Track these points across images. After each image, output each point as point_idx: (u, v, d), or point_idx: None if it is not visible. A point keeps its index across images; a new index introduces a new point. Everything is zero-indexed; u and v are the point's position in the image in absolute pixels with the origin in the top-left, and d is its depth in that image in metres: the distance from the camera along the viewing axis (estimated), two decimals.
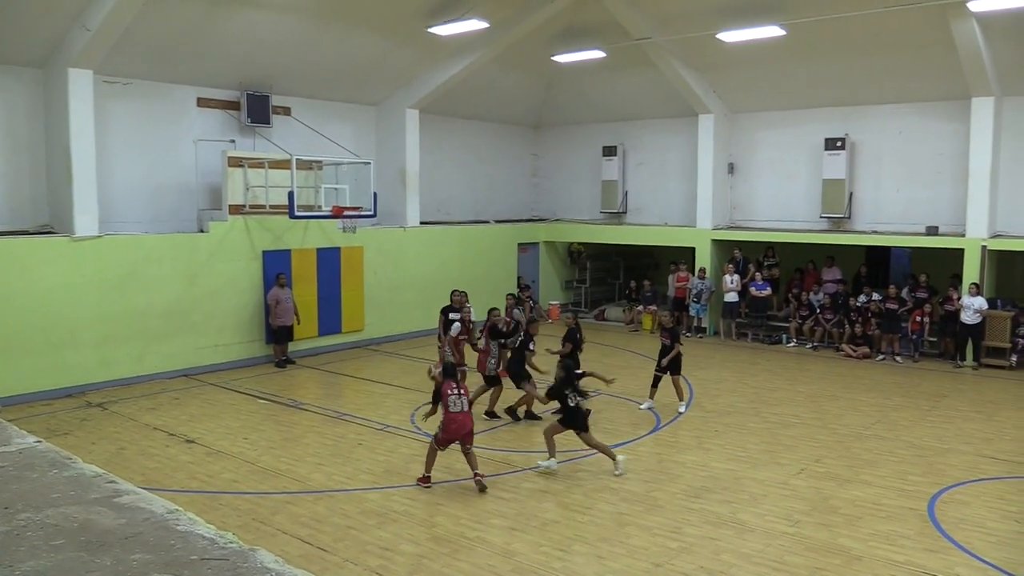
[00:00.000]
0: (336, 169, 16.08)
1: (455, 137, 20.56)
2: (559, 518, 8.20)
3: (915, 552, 7.38)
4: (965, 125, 15.92)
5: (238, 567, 1.97)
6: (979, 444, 10.73)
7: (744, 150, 19.54)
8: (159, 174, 14.94)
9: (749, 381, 14.50)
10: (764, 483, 9.22)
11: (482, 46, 17.22)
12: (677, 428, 11.51)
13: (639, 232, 20.77)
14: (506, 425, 11.64)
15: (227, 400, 12.98)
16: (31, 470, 2.70)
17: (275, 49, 15.17)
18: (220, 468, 9.69)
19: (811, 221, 18.29)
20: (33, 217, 13.51)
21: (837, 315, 17.40)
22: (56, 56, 13.01)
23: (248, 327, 15.41)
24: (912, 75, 16.38)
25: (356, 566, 7.06)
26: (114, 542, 2.13)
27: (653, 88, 19.29)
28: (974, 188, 15.73)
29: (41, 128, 13.45)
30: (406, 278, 18.11)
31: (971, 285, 15.44)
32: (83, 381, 13.14)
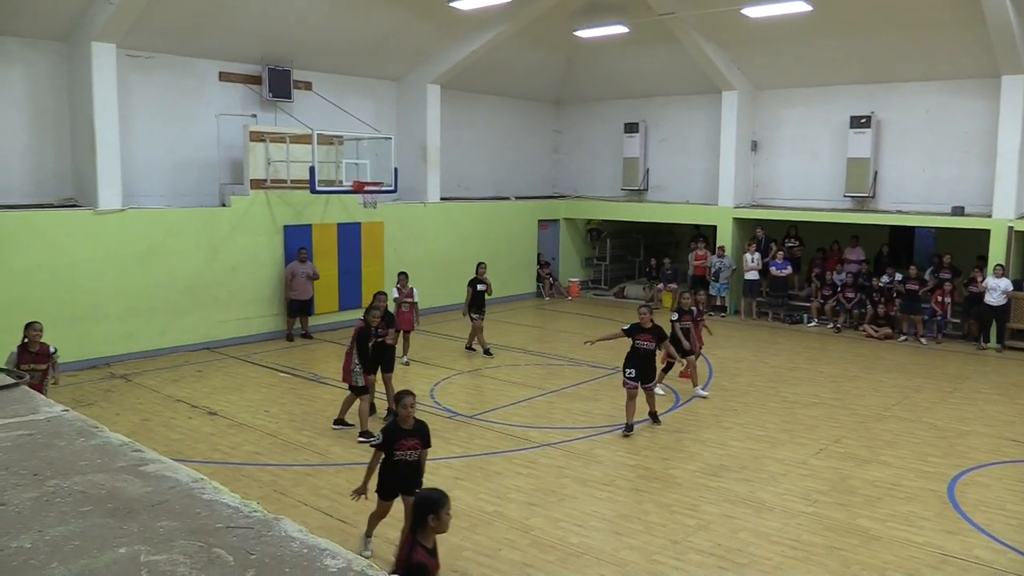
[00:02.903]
0: (357, 144, 16.07)
1: (476, 113, 20.48)
2: (577, 494, 8.24)
3: (934, 534, 7.35)
4: (994, 104, 15.65)
5: (263, 535, 2.00)
6: (1001, 426, 10.65)
7: (767, 127, 19.33)
8: (181, 148, 15.01)
9: (769, 360, 14.44)
10: (783, 462, 9.20)
11: (503, 21, 17.09)
12: (696, 407, 11.50)
13: (660, 209, 20.65)
14: (527, 400, 11.65)
15: (248, 373, 13.10)
16: (59, 438, 2.74)
17: (296, 23, 15.14)
18: (242, 440, 9.80)
19: (834, 200, 18.10)
20: (57, 190, 13.63)
21: (859, 295, 17.25)
22: (79, 30, 13.06)
23: (269, 301, 15.52)
24: (940, 52, 16.10)
25: (375, 538, 7.13)
26: (141, 509, 2.16)
27: (676, 64, 19.09)
28: (1002, 168, 15.49)
29: (65, 102, 13.53)
30: (426, 254, 18.13)
31: (996, 266, 15.25)
32: (107, 353, 13.31)
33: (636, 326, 10.25)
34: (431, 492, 4.72)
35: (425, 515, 4.52)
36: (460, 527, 7.39)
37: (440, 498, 4.58)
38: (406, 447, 6.48)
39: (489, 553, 6.91)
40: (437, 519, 4.53)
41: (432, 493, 4.68)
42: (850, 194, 17.68)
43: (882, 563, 6.78)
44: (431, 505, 4.54)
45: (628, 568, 6.69)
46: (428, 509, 4.52)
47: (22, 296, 12.21)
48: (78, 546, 1.95)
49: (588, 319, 18.60)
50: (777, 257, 18.19)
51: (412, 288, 13.37)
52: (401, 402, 6.46)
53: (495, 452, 9.44)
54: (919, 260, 18.13)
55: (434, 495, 4.63)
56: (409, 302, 13.26)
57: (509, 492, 8.25)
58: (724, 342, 15.93)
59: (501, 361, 14.02)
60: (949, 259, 16.65)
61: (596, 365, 13.77)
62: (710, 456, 9.41)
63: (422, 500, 4.63)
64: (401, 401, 6.47)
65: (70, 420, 2.94)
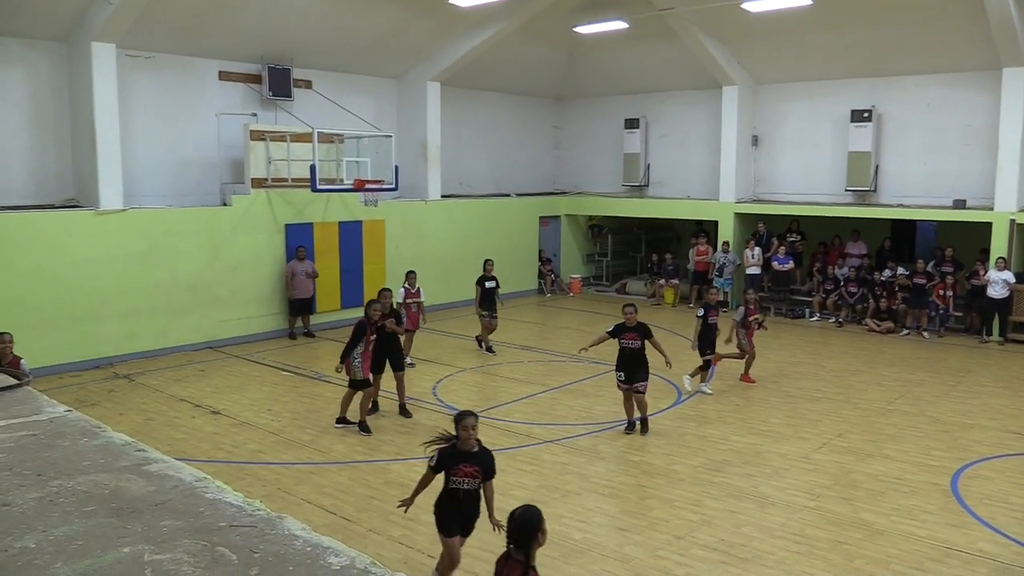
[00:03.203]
0: (358, 142, 16.07)
1: (476, 110, 20.46)
2: (580, 490, 8.24)
3: (938, 527, 7.35)
4: (995, 96, 15.61)
5: (266, 534, 2.00)
6: (1005, 419, 10.64)
7: (768, 122, 19.30)
8: (182, 148, 15.02)
9: (772, 355, 14.43)
10: (786, 457, 9.20)
11: (503, 17, 17.07)
12: (699, 402, 11.50)
13: (661, 205, 20.63)
14: (530, 397, 11.66)
15: (251, 372, 13.11)
16: (62, 438, 2.75)
17: (296, 22, 15.13)
18: (245, 439, 9.82)
19: (836, 194, 18.08)
20: (59, 191, 13.64)
21: (861, 289, 17.23)
22: (79, 30, 13.06)
23: (271, 300, 15.53)
24: (941, 45, 16.06)
25: (379, 536, 7.15)
26: (144, 509, 2.16)
27: (676, 59, 19.06)
28: (1004, 161, 15.46)
29: (65, 102, 13.54)
30: (428, 251, 18.13)
31: (998, 259, 15.23)
32: (110, 353, 13.32)
33: (620, 326, 9.96)
34: (531, 508, 4.34)
35: (535, 533, 4.23)
36: None
37: (540, 512, 4.31)
38: (463, 473, 5.81)
39: (493, 550, 6.87)
40: (543, 534, 4.26)
41: (532, 509, 4.32)
42: (851, 188, 17.66)
43: (886, 557, 6.79)
44: (538, 520, 4.25)
45: (632, 564, 6.70)
46: (537, 526, 4.23)
47: (24, 297, 12.23)
48: (82, 546, 1.96)
49: (590, 315, 18.59)
50: (779, 252, 18.18)
51: (419, 288, 13.33)
52: (461, 423, 5.80)
53: (498, 449, 9.40)
54: (921, 254, 18.11)
55: (535, 511, 4.30)
56: (417, 302, 13.23)
57: (512, 489, 8.25)
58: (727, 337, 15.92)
59: (503, 358, 14.02)
60: (951, 252, 16.63)
61: (598, 361, 13.75)
62: (713, 451, 9.41)
63: (529, 518, 4.26)
64: (461, 422, 5.80)
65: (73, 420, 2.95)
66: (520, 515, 4.29)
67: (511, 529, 4.29)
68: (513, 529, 4.27)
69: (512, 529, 4.28)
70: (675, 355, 14.18)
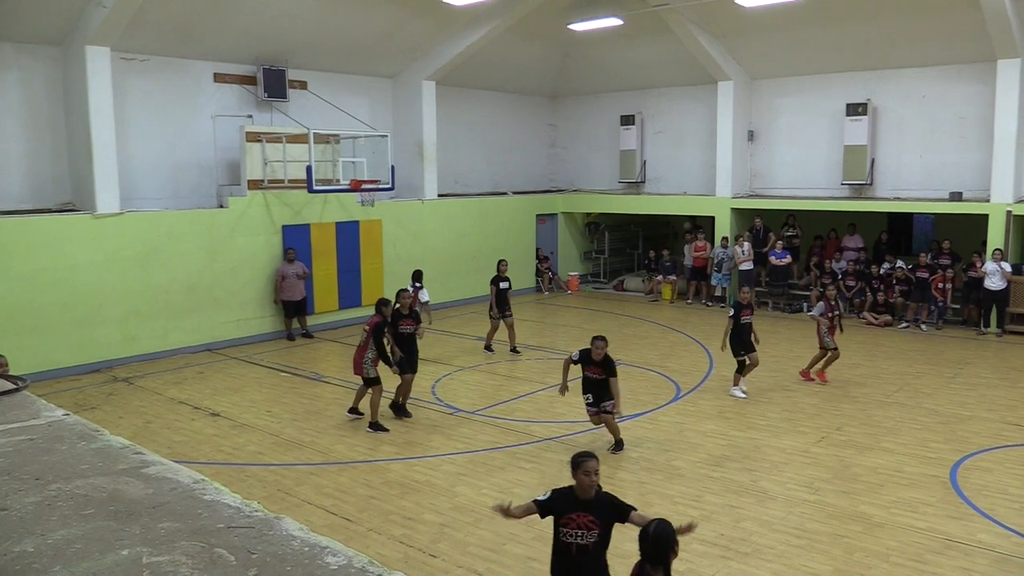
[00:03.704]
0: (353, 143, 16.07)
1: (472, 108, 20.46)
2: None
3: (937, 519, 7.37)
4: (990, 88, 15.64)
5: (264, 535, 2.01)
6: (1003, 411, 10.66)
7: (764, 117, 19.31)
8: (178, 150, 15.02)
9: (769, 350, 14.43)
10: (785, 451, 9.22)
11: (497, 16, 17.07)
12: (697, 397, 11.52)
13: (658, 202, 20.65)
14: (529, 395, 11.67)
15: (250, 374, 13.12)
16: (60, 442, 2.75)
17: (290, 23, 15.12)
18: (245, 440, 9.83)
19: (832, 188, 18.09)
20: (55, 195, 13.64)
21: (859, 283, 17.25)
22: (73, 34, 13.05)
23: (269, 301, 15.53)
24: (936, 37, 16.08)
25: (380, 535, 7.16)
26: (142, 511, 2.17)
27: (671, 55, 19.07)
28: (999, 152, 15.48)
29: (60, 106, 13.54)
30: (425, 251, 18.13)
31: (995, 251, 15.26)
32: (109, 356, 13.32)
33: (586, 355, 9.18)
34: (663, 525, 4.18)
35: (671, 547, 4.12)
36: (464, 523, 7.42)
37: (671, 526, 4.19)
38: (576, 523, 4.79)
39: (494, 548, 6.93)
40: (678, 545, 4.18)
41: (665, 526, 4.17)
42: (848, 182, 17.67)
43: (885, 549, 6.81)
44: (672, 535, 4.13)
45: (632, 560, 6.68)
46: (671, 541, 4.12)
47: (22, 301, 12.24)
48: (80, 549, 1.97)
49: (588, 313, 18.61)
50: (776, 247, 18.19)
51: (422, 289, 13.45)
52: (582, 467, 4.87)
53: (498, 447, 9.47)
54: (918, 247, 18.12)
55: (668, 527, 4.16)
56: (420, 302, 13.34)
57: (513, 487, 8.26)
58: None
59: (502, 356, 14.04)
60: (948, 245, 16.64)
61: None
62: (712, 447, 9.42)
63: (662, 534, 4.11)
64: (582, 466, 4.87)
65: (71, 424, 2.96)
66: (654, 531, 4.13)
67: (645, 546, 4.13)
68: (648, 546, 4.12)
69: (647, 546, 4.13)
70: (697, 364, 14.29)
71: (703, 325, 16.69)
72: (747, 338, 11.41)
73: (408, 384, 10.62)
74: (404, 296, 10.73)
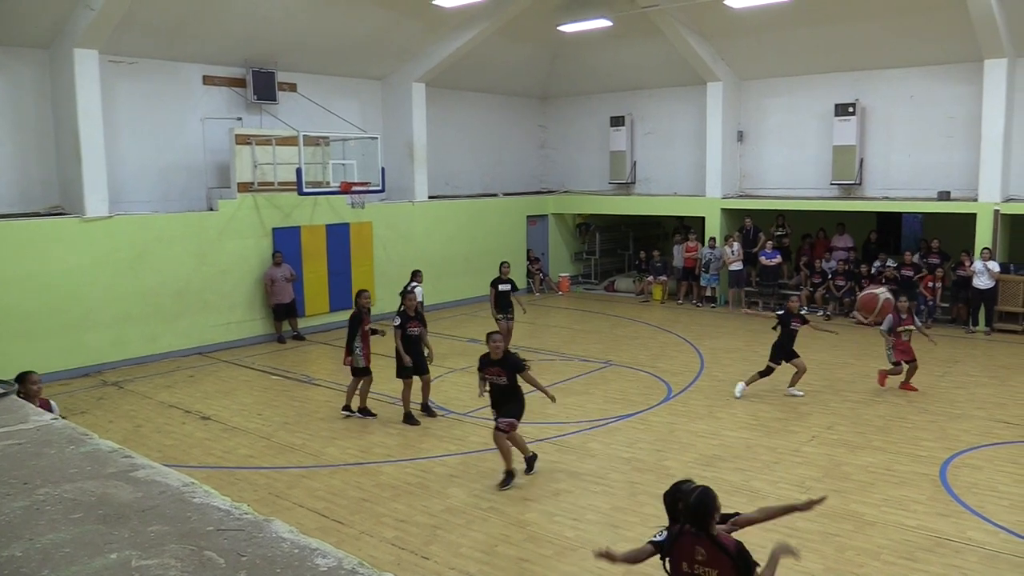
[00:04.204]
0: (343, 145, 16.05)
1: (462, 110, 20.47)
2: (572, 488, 8.26)
3: (927, 517, 7.41)
4: (977, 88, 15.73)
5: (253, 537, 2.00)
6: (992, 409, 10.72)
7: (753, 117, 19.38)
8: (167, 153, 14.97)
9: (760, 350, 14.43)
10: (776, 450, 9.25)
11: (487, 17, 17.08)
12: (688, 397, 11.54)
13: (648, 202, 20.70)
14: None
15: (241, 377, 13.08)
16: (48, 446, 2.74)
17: (279, 25, 15.09)
18: (236, 444, 9.80)
19: (821, 188, 18.17)
20: (44, 199, 13.57)
21: (848, 282, 17.32)
22: (61, 36, 13.00)
23: (260, 304, 15.49)
24: (923, 38, 16.17)
25: (372, 537, 7.15)
26: (131, 515, 2.16)
27: (660, 56, 19.12)
28: (987, 152, 15.57)
29: (48, 109, 13.47)
30: (416, 253, 18.10)
31: (983, 250, 15.34)
32: (99, 360, 13.26)
33: (484, 358, 8.48)
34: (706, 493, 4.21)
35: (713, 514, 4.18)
36: (456, 524, 7.42)
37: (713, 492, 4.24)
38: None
39: (486, 549, 6.93)
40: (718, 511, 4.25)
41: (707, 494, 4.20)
42: (837, 182, 17.75)
43: (876, 547, 6.83)
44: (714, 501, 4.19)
45: None
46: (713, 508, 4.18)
47: (11, 305, 12.18)
48: (69, 553, 1.96)
49: (579, 314, 18.64)
50: (766, 247, 18.25)
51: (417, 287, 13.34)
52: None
53: (490, 449, 9.44)
54: (907, 246, 18.21)
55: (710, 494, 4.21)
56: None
57: (506, 488, 8.26)
58: (715, 332, 16.02)
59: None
60: (937, 244, 16.73)
61: (587, 359, 13.82)
62: (703, 446, 9.44)
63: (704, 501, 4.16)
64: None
65: (60, 428, 2.94)
66: (695, 500, 4.20)
67: (688, 513, 4.21)
68: (690, 514, 4.20)
69: (689, 514, 4.21)
70: (688, 364, 14.29)
71: (694, 325, 16.74)
72: (790, 346, 11.32)
73: (427, 384, 10.74)
74: (410, 298, 10.81)
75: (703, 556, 4.18)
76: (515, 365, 8.28)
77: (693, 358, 13.86)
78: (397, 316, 10.64)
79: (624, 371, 12.94)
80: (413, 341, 10.54)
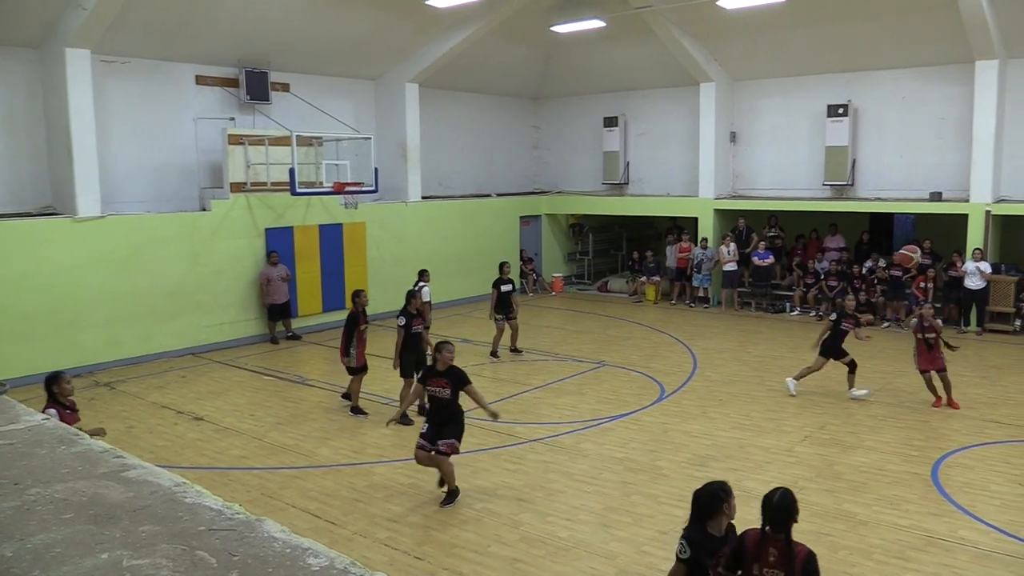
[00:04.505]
0: (336, 145, 16.03)
1: (455, 110, 20.46)
2: (565, 488, 8.27)
3: (920, 516, 7.43)
4: (969, 89, 15.79)
5: (245, 536, 2.00)
6: (983, 408, 10.76)
7: (746, 118, 19.42)
8: (160, 153, 14.92)
9: (752, 350, 14.53)
10: (768, 450, 9.27)
11: (480, 18, 17.08)
12: (681, 397, 11.55)
13: (641, 203, 20.72)
14: (513, 396, 11.67)
15: (233, 377, 13.05)
16: (39, 447, 2.73)
17: (273, 25, 15.07)
18: (228, 444, 9.77)
19: (814, 189, 18.22)
20: (35, 199, 13.52)
21: (841, 283, 17.36)
22: (53, 36, 12.94)
23: (253, 305, 15.46)
24: (915, 39, 16.23)
25: (365, 538, 7.14)
26: (122, 515, 2.16)
27: (653, 57, 19.14)
28: (978, 153, 15.63)
29: (40, 109, 13.42)
30: (409, 253, 18.09)
31: (975, 250, 15.41)
32: (91, 361, 13.21)
33: (430, 368, 8.11)
34: (786, 495, 4.36)
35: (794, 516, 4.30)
36: (449, 524, 7.42)
37: (793, 495, 4.37)
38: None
39: (479, 550, 6.93)
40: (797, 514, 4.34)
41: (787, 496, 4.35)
42: (829, 182, 17.80)
43: (869, 547, 6.85)
44: (794, 504, 4.32)
45: (617, 560, 6.73)
46: (794, 510, 4.31)
47: (3, 306, 12.14)
48: (60, 553, 1.95)
49: (572, 314, 18.65)
50: (759, 247, 18.30)
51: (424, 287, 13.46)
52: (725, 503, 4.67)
53: (482, 449, 9.46)
54: (899, 246, 18.23)
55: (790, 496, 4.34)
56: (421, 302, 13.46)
57: (497, 488, 8.27)
58: (708, 332, 16.05)
59: (486, 358, 14.02)
60: (929, 244, 16.77)
61: (580, 359, 13.83)
62: (696, 446, 9.46)
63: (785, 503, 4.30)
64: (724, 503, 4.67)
65: (51, 428, 2.93)
66: (778, 500, 4.31)
67: (769, 513, 4.31)
68: (772, 513, 4.30)
69: (770, 513, 4.31)
70: (681, 365, 14.30)
71: (687, 326, 16.76)
72: (840, 345, 11.17)
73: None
74: (416, 298, 10.90)
75: (774, 557, 4.26)
76: (460, 379, 7.86)
77: (686, 358, 13.88)
78: (402, 315, 10.65)
79: (617, 371, 12.96)
80: (416, 339, 10.62)
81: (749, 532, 4.40)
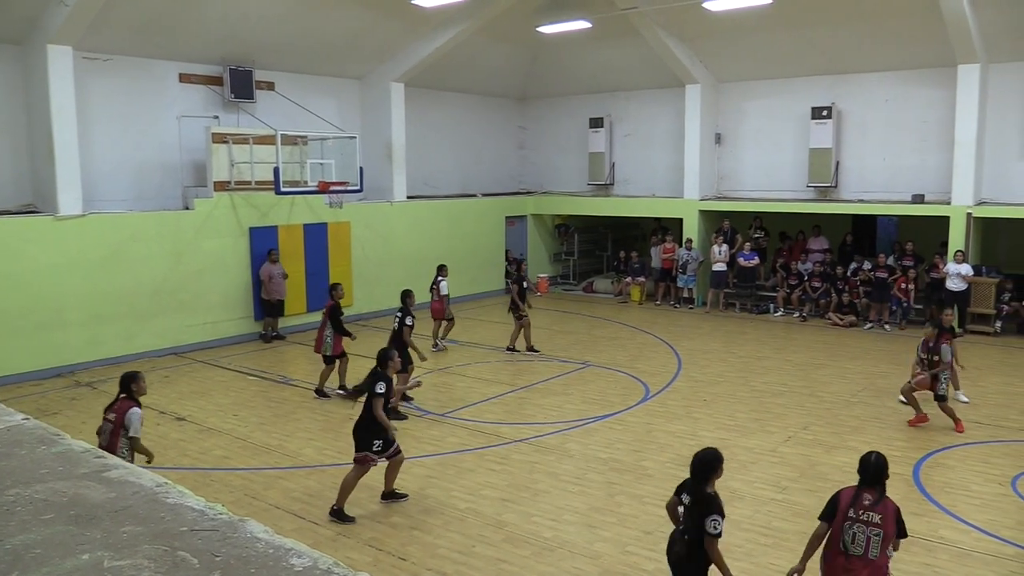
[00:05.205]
0: (321, 144, 15.96)
1: (441, 110, 20.43)
2: (550, 488, 8.27)
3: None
4: (951, 92, 15.92)
5: (228, 537, 1.98)
6: (964, 409, 10.83)
7: (731, 120, 19.50)
8: (142, 151, 14.81)
9: (737, 351, 14.58)
10: (753, 451, 9.31)
11: (466, 18, 17.06)
12: (666, 398, 11.58)
13: (627, 204, 20.77)
14: (498, 396, 11.67)
15: (217, 377, 12.97)
16: (19, 447, 2.69)
17: (257, 23, 14.99)
18: (211, 445, 9.72)
19: (798, 190, 18.32)
20: (15, 197, 13.39)
21: (824, 284, 17.47)
22: (34, 33, 12.83)
23: (236, 304, 15.37)
24: (898, 43, 16.35)
25: (349, 539, 7.12)
26: (103, 515, 2.13)
27: (639, 58, 19.20)
28: (960, 156, 15.76)
29: (21, 106, 13.29)
30: (394, 253, 18.07)
31: (956, 252, 15.53)
32: (72, 361, 13.09)
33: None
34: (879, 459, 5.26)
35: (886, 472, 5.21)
36: (434, 525, 7.40)
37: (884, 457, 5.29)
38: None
39: (463, 550, 6.92)
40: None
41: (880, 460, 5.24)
42: (813, 184, 17.91)
43: None
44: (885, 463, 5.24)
45: (602, 560, 6.74)
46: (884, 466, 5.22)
47: None
48: (40, 554, 1.93)
49: (557, 314, 18.66)
50: (744, 248, 18.38)
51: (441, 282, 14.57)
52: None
53: (467, 449, 9.45)
54: (882, 248, 18.40)
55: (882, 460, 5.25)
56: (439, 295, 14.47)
57: (482, 489, 8.26)
58: (692, 333, 16.11)
59: (471, 358, 14.03)
60: (911, 246, 16.91)
61: (566, 360, 13.85)
62: (681, 447, 9.47)
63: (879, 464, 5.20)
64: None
65: (31, 428, 2.90)
66: (875, 460, 5.24)
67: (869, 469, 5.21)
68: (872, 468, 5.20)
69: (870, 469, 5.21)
70: (665, 365, 14.32)
71: (671, 326, 16.82)
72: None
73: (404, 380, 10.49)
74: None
75: (869, 501, 5.06)
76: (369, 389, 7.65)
77: (670, 359, 13.92)
78: (411, 316, 10.94)
79: (602, 372, 12.98)
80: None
81: (844, 489, 5.25)
